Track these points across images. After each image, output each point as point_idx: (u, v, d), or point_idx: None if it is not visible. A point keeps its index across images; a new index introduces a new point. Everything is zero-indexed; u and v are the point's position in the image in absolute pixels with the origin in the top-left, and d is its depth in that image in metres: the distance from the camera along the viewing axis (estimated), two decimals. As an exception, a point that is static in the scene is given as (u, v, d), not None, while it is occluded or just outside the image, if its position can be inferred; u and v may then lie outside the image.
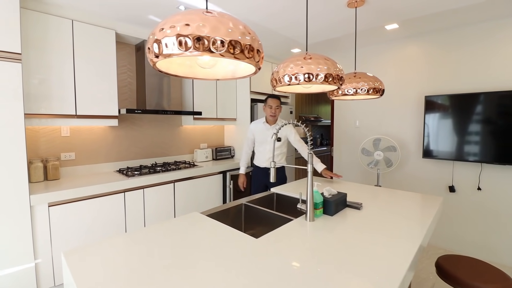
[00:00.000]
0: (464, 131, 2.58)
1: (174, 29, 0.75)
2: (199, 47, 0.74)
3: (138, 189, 2.39)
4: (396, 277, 0.89)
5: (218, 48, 0.72)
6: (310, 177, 1.39)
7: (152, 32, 0.81)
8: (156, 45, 0.78)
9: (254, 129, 2.54)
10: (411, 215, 1.49)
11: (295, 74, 1.16)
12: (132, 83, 2.81)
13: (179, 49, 0.75)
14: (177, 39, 0.75)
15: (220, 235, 1.21)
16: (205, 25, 0.74)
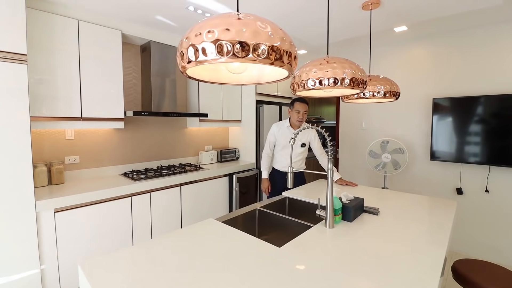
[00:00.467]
0: (472, 134, 2.57)
1: (212, 34, 0.71)
2: (238, 53, 0.70)
3: (145, 193, 2.34)
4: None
5: (260, 54, 0.69)
6: (330, 183, 1.35)
7: (186, 36, 0.77)
8: (191, 50, 0.74)
9: (277, 132, 2.44)
10: (430, 221, 1.46)
11: (320, 78, 1.13)
12: (137, 85, 2.76)
13: (217, 55, 0.71)
14: (216, 44, 0.71)
15: (241, 243, 1.17)
16: (247, 30, 0.70)
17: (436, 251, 1.12)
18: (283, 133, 2.41)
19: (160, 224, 2.47)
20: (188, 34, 0.76)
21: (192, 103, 3.14)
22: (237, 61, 0.70)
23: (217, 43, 0.71)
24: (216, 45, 0.71)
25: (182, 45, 0.77)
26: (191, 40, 0.75)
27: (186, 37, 0.76)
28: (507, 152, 2.40)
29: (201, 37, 0.73)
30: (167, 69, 2.73)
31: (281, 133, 2.42)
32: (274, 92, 3.71)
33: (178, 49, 0.79)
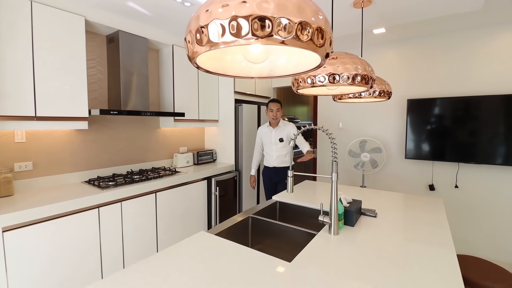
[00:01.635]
0: (442, 133, 2.73)
1: (227, 9, 0.56)
2: (258, 32, 0.56)
3: (115, 202, 2.06)
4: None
5: (285, 32, 0.55)
6: (335, 187, 1.28)
7: (196, 15, 0.61)
8: (200, 32, 0.58)
9: (261, 134, 2.75)
10: (426, 220, 1.47)
11: (331, 74, 1.03)
12: (102, 80, 2.43)
13: (232, 35, 0.56)
14: (230, 22, 0.56)
15: (247, 260, 1.03)
16: (269, 1, 0.55)
17: (445, 250, 1.10)
18: (264, 132, 2.71)
19: (133, 238, 2.20)
20: (198, 13, 0.60)
21: (166, 101, 2.88)
22: (257, 43, 0.56)
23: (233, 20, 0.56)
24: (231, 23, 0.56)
25: (190, 27, 0.61)
26: (200, 20, 0.59)
27: (196, 17, 0.60)
28: (473, 150, 2.58)
29: (211, 14, 0.58)
30: (138, 63, 2.45)
31: (263, 133, 2.72)
32: (252, 91, 3.59)
33: (186, 33, 0.62)
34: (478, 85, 2.62)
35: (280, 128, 2.63)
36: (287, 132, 2.61)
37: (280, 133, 2.62)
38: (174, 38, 2.79)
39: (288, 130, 2.62)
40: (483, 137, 2.53)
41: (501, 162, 2.46)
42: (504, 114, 2.44)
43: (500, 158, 2.46)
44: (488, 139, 2.51)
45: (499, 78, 2.53)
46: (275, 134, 2.63)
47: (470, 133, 2.59)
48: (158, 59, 2.93)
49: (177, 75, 2.82)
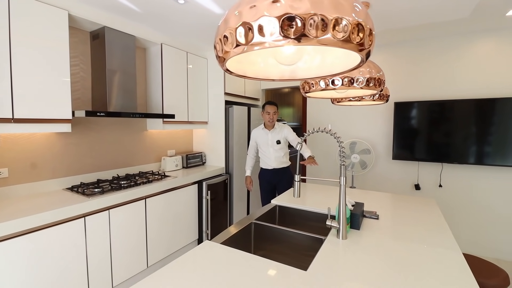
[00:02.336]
0: (428, 135, 2.84)
1: (277, 6, 0.52)
2: (312, 32, 0.52)
3: (102, 211, 1.92)
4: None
5: (339, 32, 0.52)
6: (343, 191, 1.26)
7: (234, 11, 0.55)
8: (242, 31, 0.53)
9: (256, 136, 2.73)
10: (425, 221, 1.50)
11: (347, 78, 1.01)
12: (85, 79, 2.27)
13: (281, 35, 0.52)
14: (281, 20, 0.52)
15: (262, 271, 0.98)
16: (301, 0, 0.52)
17: (451, 251, 1.12)
18: (260, 134, 2.69)
19: (122, 249, 2.06)
20: (240, 8, 0.55)
21: (154, 102, 2.75)
22: (309, 44, 0.52)
23: (283, 18, 0.52)
24: (281, 21, 0.52)
25: (229, 24, 0.56)
26: (243, 16, 0.55)
27: (238, 12, 0.55)
28: (456, 151, 2.71)
29: (258, 10, 0.53)
30: (125, 62, 2.31)
31: (259, 135, 2.70)
32: (242, 92, 3.54)
33: (218, 33, 0.57)
34: (461, 89, 2.76)
35: (276, 131, 2.64)
36: (284, 134, 2.61)
37: (276, 135, 2.62)
38: (163, 37, 2.68)
39: (285, 133, 2.62)
40: (464, 139, 2.67)
41: (480, 162, 2.61)
42: (483, 117, 2.58)
43: (480, 158, 2.61)
44: (469, 140, 2.65)
45: (480, 82, 2.68)
46: (272, 137, 2.63)
47: (453, 135, 2.72)
48: (145, 58, 2.79)
49: (166, 75, 2.70)
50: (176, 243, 2.59)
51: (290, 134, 2.62)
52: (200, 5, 2.02)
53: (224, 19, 0.60)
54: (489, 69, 2.64)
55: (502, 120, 2.52)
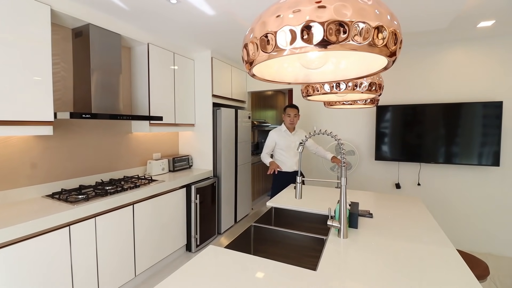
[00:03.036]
0: (404, 136, 3.01)
1: (299, 15, 0.53)
2: (335, 39, 0.53)
3: (88, 219, 1.81)
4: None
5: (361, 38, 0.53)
6: (344, 192, 1.30)
7: (259, 21, 0.55)
8: (267, 38, 0.54)
9: (276, 137, 2.70)
10: (416, 219, 1.59)
11: (352, 82, 1.05)
12: (66, 78, 2.13)
13: (305, 41, 0.53)
14: (303, 28, 0.53)
15: (274, 273, 0.98)
16: (346, 5, 0.53)
17: (446, 249, 1.20)
18: (281, 136, 2.69)
19: (109, 258, 1.96)
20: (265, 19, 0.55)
21: (140, 104, 2.65)
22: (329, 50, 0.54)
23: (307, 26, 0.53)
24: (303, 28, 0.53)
25: (255, 33, 0.56)
26: (268, 26, 0.55)
27: (262, 22, 0.55)
28: (428, 152, 2.90)
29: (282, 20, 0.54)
30: (111, 62, 2.21)
31: (281, 137, 2.68)
32: (229, 94, 3.52)
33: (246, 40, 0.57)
34: (433, 94, 2.96)
35: (297, 133, 2.72)
36: (302, 137, 2.68)
37: (298, 138, 2.70)
38: (150, 36, 2.59)
39: (302, 135, 2.72)
40: (435, 140, 2.87)
41: (450, 162, 2.81)
42: (451, 120, 2.79)
43: (449, 158, 2.81)
44: (439, 142, 2.85)
45: (449, 88, 2.89)
46: (295, 139, 2.68)
47: (425, 137, 2.91)
48: (130, 57, 2.68)
49: (152, 76, 2.62)
50: (164, 250, 2.50)
51: (308, 139, 2.64)
52: (193, 6, 1.98)
53: (251, 29, 0.59)
54: (458, 76, 2.86)
55: (467, 123, 2.74)
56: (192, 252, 2.82)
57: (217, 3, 1.95)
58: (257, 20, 0.58)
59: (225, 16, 2.17)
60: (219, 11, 2.08)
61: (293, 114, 2.65)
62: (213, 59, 3.15)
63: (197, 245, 2.85)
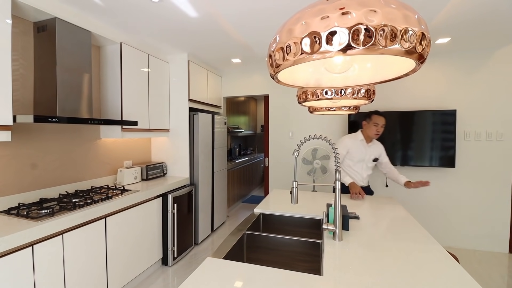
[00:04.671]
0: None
1: (351, 17, 0.53)
2: (384, 43, 0.54)
3: (54, 236, 1.60)
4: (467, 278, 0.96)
5: (409, 43, 0.55)
6: (338, 195, 1.33)
7: (298, 22, 0.54)
8: (311, 41, 0.53)
9: (350, 146, 2.30)
10: (398, 218, 1.69)
11: (352, 88, 1.09)
12: (26, 77, 1.88)
13: (353, 44, 0.53)
14: (352, 30, 0.53)
15: (282, 281, 0.95)
16: (393, 11, 0.54)
17: (431, 246, 1.28)
18: (356, 146, 2.30)
19: (77, 279, 1.74)
20: (309, 20, 0.54)
21: (110, 107, 2.45)
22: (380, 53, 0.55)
23: (357, 28, 0.53)
24: (353, 30, 0.54)
25: (294, 32, 0.55)
26: (312, 26, 0.55)
27: (305, 24, 0.54)
28: (401, 155, 3.14)
29: (333, 20, 0.54)
30: (79, 60, 2.01)
31: (355, 147, 2.30)
32: (205, 99, 3.43)
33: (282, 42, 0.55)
34: (393, 103, 3.23)
35: (373, 146, 2.32)
36: (379, 151, 2.34)
37: (374, 151, 2.32)
38: (124, 35, 2.43)
39: (381, 150, 2.35)
40: (404, 144, 3.12)
41: (406, 164, 3.08)
42: (406, 126, 3.07)
43: (405, 160, 3.08)
44: (397, 146, 3.11)
45: (406, 98, 3.18)
46: (370, 152, 2.30)
47: (397, 141, 3.15)
48: (99, 57, 2.47)
49: (125, 78, 2.44)
50: (139, 266, 2.31)
51: (384, 153, 2.35)
52: (175, 6, 1.91)
53: (288, 29, 0.58)
54: (413, 87, 3.16)
55: (419, 129, 3.04)
56: (168, 266, 2.64)
57: (201, 5, 1.90)
58: (295, 20, 0.56)
59: (208, 18, 2.12)
60: (202, 12, 2.03)
61: (381, 124, 2.20)
62: (190, 63, 3.05)
63: (174, 257, 2.68)
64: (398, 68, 0.67)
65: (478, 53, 2.97)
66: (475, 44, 2.81)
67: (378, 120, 2.21)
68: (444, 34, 2.54)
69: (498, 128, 2.95)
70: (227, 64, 3.57)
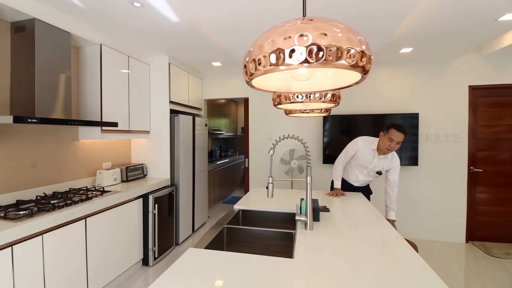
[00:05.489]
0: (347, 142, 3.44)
1: (307, 38, 0.66)
2: (332, 59, 0.68)
3: (34, 236, 1.60)
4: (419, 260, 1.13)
5: (351, 59, 0.69)
6: (309, 189, 1.47)
7: (267, 39, 0.67)
8: (276, 55, 0.66)
9: (361, 148, 2.25)
10: (362, 210, 1.86)
11: (320, 93, 1.23)
12: (1, 77, 1.86)
13: (306, 61, 0.67)
14: (308, 49, 0.66)
15: (258, 265, 1.07)
16: (342, 35, 0.68)
17: (390, 231, 1.46)
18: (366, 152, 2.23)
19: (57, 280, 1.74)
20: (275, 38, 0.67)
21: (89, 108, 2.45)
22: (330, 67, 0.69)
23: (310, 47, 0.67)
24: (308, 49, 0.67)
25: (263, 48, 0.67)
26: (277, 44, 0.67)
27: (272, 41, 0.67)
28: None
29: (292, 41, 0.67)
30: (59, 62, 2.01)
31: (365, 152, 2.24)
32: (186, 101, 3.49)
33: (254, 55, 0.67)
34: (365, 106, 3.49)
35: (385, 160, 2.19)
36: (390, 167, 2.20)
37: (382, 165, 2.21)
38: (103, 37, 2.44)
39: (392, 165, 2.19)
40: None
41: None
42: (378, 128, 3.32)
43: (386, 160, 3.33)
44: None
45: (376, 102, 3.45)
46: (376, 163, 2.21)
47: (367, 142, 3.39)
48: (78, 58, 2.47)
49: (105, 79, 2.46)
50: (119, 266, 2.32)
51: (395, 170, 2.19)
52: (157, 11, 1.98)
53: (259, 45, 0.70)
54: (386, 92, 3.44)
55: None
56: (149, 266, 2.66)
57: (182, 10, 1.99)
58: (265, 38, 0.69)
59: (189, 22, 2.21)
60: (182, 17, 2.11)
61: (397, 140, 2.00)
62: (171, 65, 3.11)
63: (155, 258, 2.71)
64: (351, 78, 0.82)
65: (438, 61, 3.29)
66: (435, 54, 3.12)
67: (394, 135, 2.00)
68: (407, 45, 2.80)
69: (455, 130, 3.27)
70: (208, 67, 3.66)
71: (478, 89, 3.24)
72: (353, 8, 1.92)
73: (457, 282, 2.44)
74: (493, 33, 2.54)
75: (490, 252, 3.01)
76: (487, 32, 2.51)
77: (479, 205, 3.30)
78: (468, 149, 3.25)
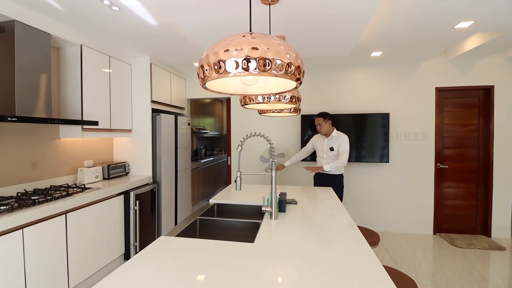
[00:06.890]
0: (325, 140, 3.63)
1: (242, 51, 0.80)
2: (262, 69, 0.82)
3: (14, 230, 1.67)
4: (364, 241, 1.29)
5: (278, 69, 0.83)
6: (274, 183, 1.61)
7: (212, 51, 0.80)
8: (217, 65, 0.79)
9: (315, 141, 3.06)
10: (328, 204, 2.02)
11: (279, 95, 1.37)
12: (-20, 77, 1.91)
13: (243, 69, 0.80)
14: (243, 61, 0.79)
15: (221, 249, 1.20)
16: (270, 49, 0.82)
17: (351, 225, 1.62)
18: (317, 140, 3.02)
19: (38, 275, 1.82)
20: (216, 50, 0.80)
21: (70, 107, 2.51)
22: (261, 75, 0.82)
23: (244, 59, 0.80)
24: (243, 61, 0.80)
25: (209, 59, 0.80)
26: (220, 56, 0.81)
27: (214, 53, 0.80)
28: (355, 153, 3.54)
29: (230, 53, 0.80)
30: (39, 62, 2.08)
31: (317, 141, 3.03)
32: (168, 101, 3.57)
33: (201, 62, 0.80)
34: (345, 106, 3.67)
35: (333, 138, 2.86)
36: (338, 143, 2.82)
37: (331, 143, 2.86)
38: (84, 38, 2.51)
39: (340, 141, 2.82)
40: (359, 144, 3.55)
41: (359, 160, 3.53)
42: (359, 127, 3.52)
43: (358, 157, 3.52)
44: (352, 145, 3.55)
45: (355, 102, 3.64)
46: (327, 143, 2.89)
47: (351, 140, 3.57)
48: (59, 58, 2.52)
49: (86, 79, 2.52)
50: (101, 260, 2.40)
51: (343, 145, 2.80)
52: (135, 14, 2.07)
53: (206, 55, 0.83)
54: (360, 93, 3.63)
55: (370, 130, 3.50)
56: (131, 260, 2.74)
57: (159, 15, 2.09)
58: (211, 49, 0.81)
59: (167, 26, 2.31)
60: (161, 21, 2.21)
61: (317, 123, 2.89)
62: (152, 65, 3.19)
63: (137, 252, 2.79)
64: (289, 84, 0.96)
65: (406, 65, 3.51)
66: (403, 58, 3.33)
67: (316, 121, 2.94)
68: (377, 49, 2.99)
69: (423, 129, 3.50)
70: (190, 67, 3.75)
71: (444, 90, 3.48)
72: (318, 12, 2.03)
73: (420, 269, 2.65)
74: (453, 39, 2.76)
75: (455, 243, 3.24)
76: (447, 39, 2.72)
77: (445, 199, 3.54)
78: (435, 147, 3.48)
